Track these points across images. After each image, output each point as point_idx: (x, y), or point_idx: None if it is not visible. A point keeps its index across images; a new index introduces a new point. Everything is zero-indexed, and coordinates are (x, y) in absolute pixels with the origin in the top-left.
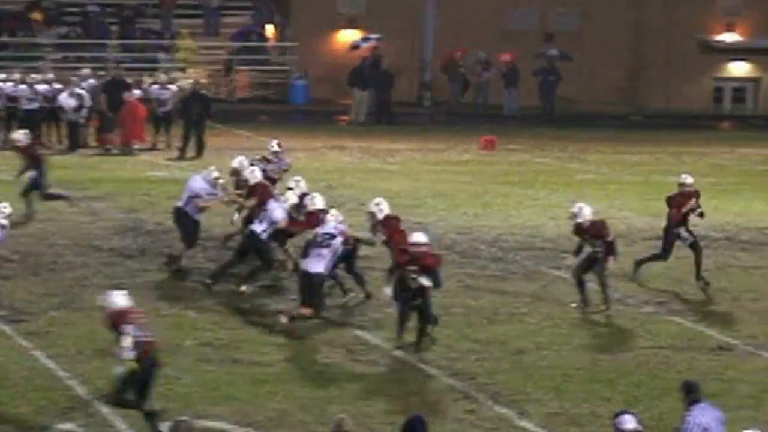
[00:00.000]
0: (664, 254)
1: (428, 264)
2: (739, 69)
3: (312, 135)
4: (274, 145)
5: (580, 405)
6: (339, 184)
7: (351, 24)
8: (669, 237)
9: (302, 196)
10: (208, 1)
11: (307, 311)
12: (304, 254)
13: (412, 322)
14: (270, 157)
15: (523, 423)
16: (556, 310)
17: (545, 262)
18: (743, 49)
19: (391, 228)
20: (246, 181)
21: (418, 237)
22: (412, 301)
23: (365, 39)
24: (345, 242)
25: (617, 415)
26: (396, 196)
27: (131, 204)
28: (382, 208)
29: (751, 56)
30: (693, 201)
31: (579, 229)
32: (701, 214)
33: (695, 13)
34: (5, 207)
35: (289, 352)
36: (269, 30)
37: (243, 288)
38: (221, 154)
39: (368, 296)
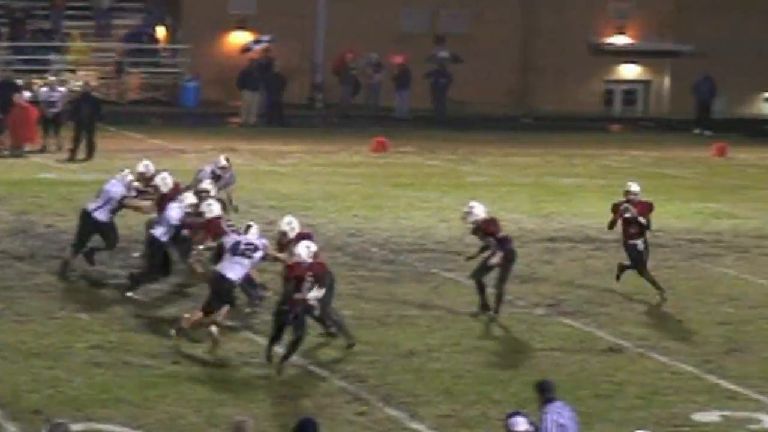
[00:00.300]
0: (638, 270)
1: (319, 270)
2: (629, 71)
3: (203, 137)
4: (222, 161)
5: (471, 407)
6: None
7: (242, 25)
8: (629, 251)
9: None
10: (98, 3)
11: (199, 317)
12: (220, 259)
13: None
14: (219, 172)
15: (415, 425)
16: (447, 312)
17: (436, 264)
18: (634, 51)
19: None
20: (157, 187)
21: (302, 251)
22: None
23: (257, 41)
24: (263, 258)
25: (509, 416)
26: (286, 198)
27: (21, 206)
28: (294, 226)
29: (641, 59)
30: (625, 206)
31: (475, 228)
32: (645, 225)
33: (586, 15)
34: None
35: (180, 354)
36: (160, 32)
37: (129, 293)
38: (112, 156)
39: (261, 299)
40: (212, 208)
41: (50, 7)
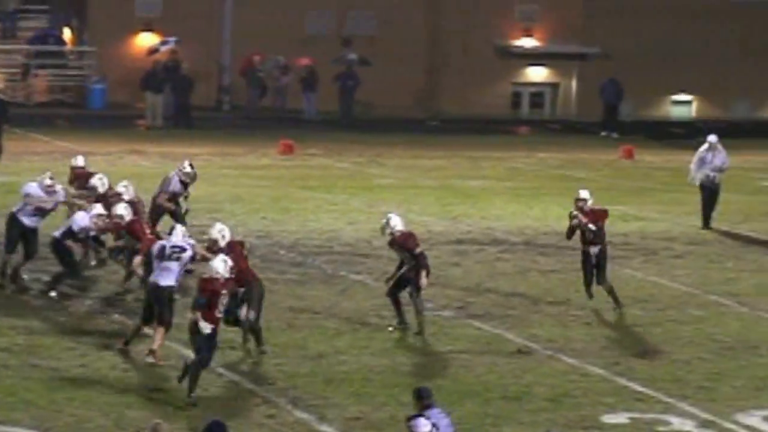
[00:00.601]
0: (584, 278)
1: (245, 276)
2: (536, 74)
3: (109, 139)
4: (186, 166)
5: (380, 409)
6: (136, 190)
7: (148, 27)
8: (583, 259)
9: (130, 203)
10: (4, 5)
11: (161, 331)
12: (150, 267)
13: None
14: (185, 179)
15: (324, 428)
16: (356, 314)
17: (344, 267)
18: (541, 54)
19: (234, 254)
20: (94, 187)
21: (218, 265)
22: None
23: (163, 43)
24: (193, 258)
25: (411, 419)
26: (194, 201)
27: None
28: (225, 234)
29: (548, 61)
30: (573, 214)
31: (392, 241)
32: (594, 232)
33: (493, 18)
34: None
35: (87, 357)
36: (67, 34)
37: (52, 293)
38: (19, 159)
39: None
40: (130, 211)
41: None
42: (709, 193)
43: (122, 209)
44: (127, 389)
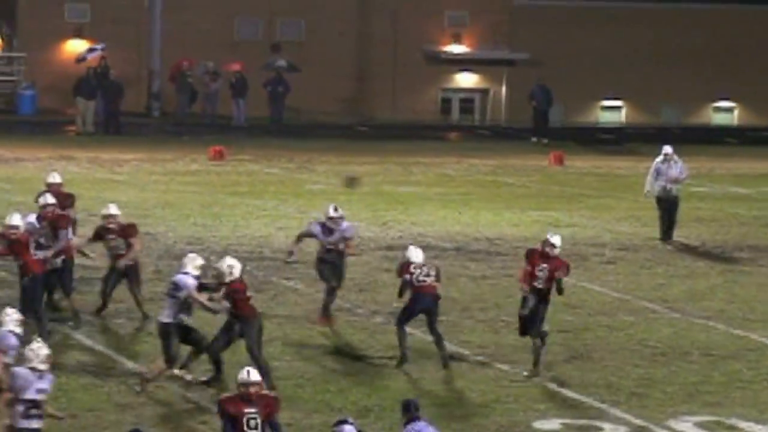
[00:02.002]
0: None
1: (247, 313)
2: (466, 80)
3: (40, 145)
4: (330, 210)
5: (311, 415)
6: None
7: (78, 33)
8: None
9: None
10: None
11: (162, 368)
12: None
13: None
14: (330, 225)
15: None
16: (287, 320)
17: (275, 273)
18: (471, 60)
19: (239, 292)
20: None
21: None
22: None
23: (91, 50)
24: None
25: (337, 424)
26: (124, 206)
27: None
28: (234, 270)
29: (478, 67)
30: (541, 266)
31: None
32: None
33: (421, 24)
34: None
35: None
36: None
37: None
38: None
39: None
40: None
41: None
42: (667, 205)
43: (18, 220)
44: (57, 396)
